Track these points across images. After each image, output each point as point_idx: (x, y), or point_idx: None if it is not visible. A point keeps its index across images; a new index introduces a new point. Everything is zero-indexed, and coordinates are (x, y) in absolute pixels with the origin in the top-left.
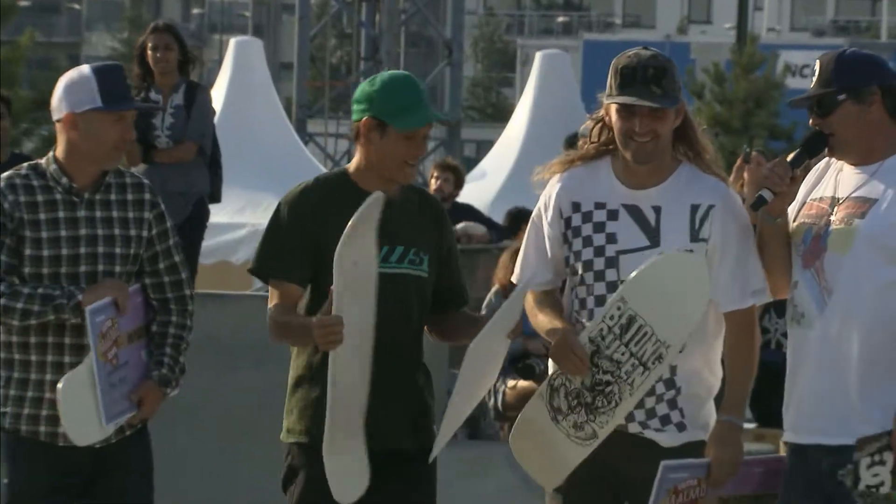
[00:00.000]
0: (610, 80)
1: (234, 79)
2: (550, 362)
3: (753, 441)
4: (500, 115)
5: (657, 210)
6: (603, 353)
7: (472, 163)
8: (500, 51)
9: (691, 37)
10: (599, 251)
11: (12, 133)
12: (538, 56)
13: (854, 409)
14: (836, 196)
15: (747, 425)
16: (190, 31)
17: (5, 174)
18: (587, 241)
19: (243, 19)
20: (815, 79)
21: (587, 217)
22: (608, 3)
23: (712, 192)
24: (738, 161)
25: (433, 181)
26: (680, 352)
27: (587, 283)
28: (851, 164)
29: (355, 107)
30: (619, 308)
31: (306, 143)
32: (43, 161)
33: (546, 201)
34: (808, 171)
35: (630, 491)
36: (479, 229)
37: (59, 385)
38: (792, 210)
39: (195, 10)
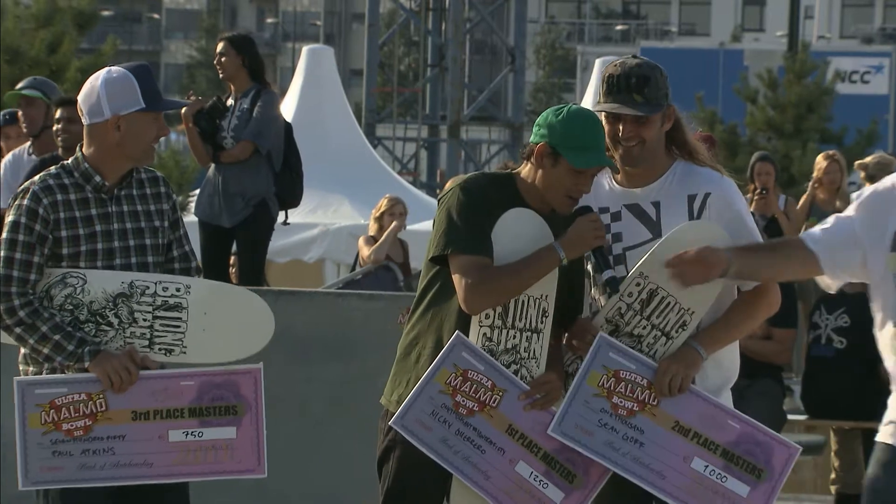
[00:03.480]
0: (600, 88)
1: (306, 85)
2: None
3: (804, 432)
4: None
5: (657, 205)
6: (622, 330)
7: None
8: (561, 57)
9: (745, 44)
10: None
11: None
12: (597, 62)
13: None
14: None
15: (798, 416)
16: (263, 39)
17: (37, 177)
18: None
19: (315, 28)
20: None
21: None
22: (665, 12)
23: (707, 181)
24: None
25: None
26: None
27: (599, 283)
28: None
29: (536, 129)
30: (638, 284)
31: (375, 147)
32: (70, 161)
33: None
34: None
35: None
36: None
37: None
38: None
39: (269, 20)
